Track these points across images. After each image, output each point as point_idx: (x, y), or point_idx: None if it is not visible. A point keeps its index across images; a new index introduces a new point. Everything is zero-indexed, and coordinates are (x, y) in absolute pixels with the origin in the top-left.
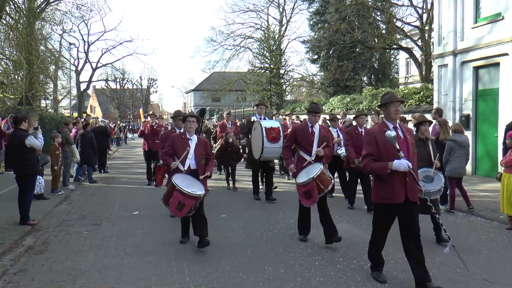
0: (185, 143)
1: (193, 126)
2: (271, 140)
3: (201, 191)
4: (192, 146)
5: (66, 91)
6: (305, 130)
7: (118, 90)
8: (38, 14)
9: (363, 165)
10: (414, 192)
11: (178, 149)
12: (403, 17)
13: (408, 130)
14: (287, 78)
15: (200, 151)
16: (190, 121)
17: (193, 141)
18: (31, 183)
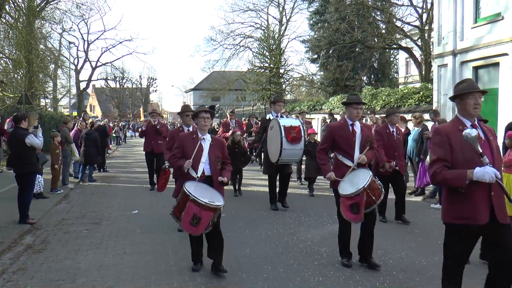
0: (196, 144)
1: (207, 123)
2: (290, 141)
3: (220, 202)
4: (206, 148)
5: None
6: (344, 129)
7: (117, 89)
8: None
9: (432, 172)
10: (503, 210)
11: (188, 151)
12: (403, 17)
13: (490, 130)
14: (287, 77)
15: (216, 153)
16: (204, 117)
17: (206, 141)
18: (31, 182)
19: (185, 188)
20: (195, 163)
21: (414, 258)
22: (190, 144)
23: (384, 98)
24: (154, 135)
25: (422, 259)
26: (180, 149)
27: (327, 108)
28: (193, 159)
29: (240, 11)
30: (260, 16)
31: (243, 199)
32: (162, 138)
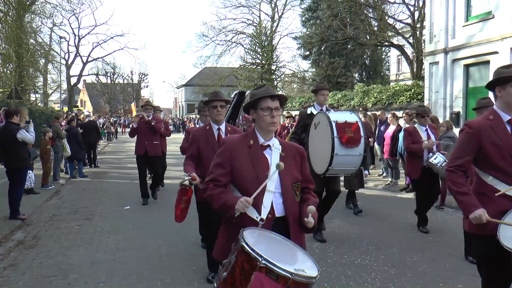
0: (258, 158)
1: (276, 120)
2: (346, 143)
3: (313, 269)
4: (273, 161)
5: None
6: (500, 130)
7: (108, 84)
8: (28, 7)
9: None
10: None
11: (243, 173)
12: (395, 15)
13: None
14: (279, 74)
15: (293, 173)
16: (270, 108)
17: (274, 151)
18: (22, 177)
19: (247, 243)
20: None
21: (405, 254)
22: (244, 158)
23: (376, 95)
24: (148, 134)
25: (413, 255)
26: (226, 168)
27: None
28: (253, 185)
29: (232, 7)
30: (252, 12)
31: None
32: (159, 138)
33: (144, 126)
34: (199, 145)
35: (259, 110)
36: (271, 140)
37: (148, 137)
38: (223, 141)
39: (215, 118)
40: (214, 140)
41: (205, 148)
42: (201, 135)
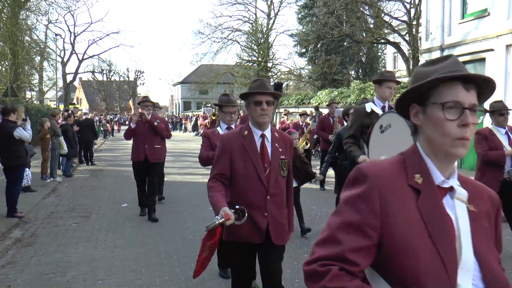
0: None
1: None
2: None
3: None
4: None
5: (52, 82)
6: None
7: (104, 82)
8: (23, 3)
9: None
10: None
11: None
12: (391, 12)
13: None
14: (275, 71)
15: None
16: None
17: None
18: (19, 175)
19: None
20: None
21: None
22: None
23: (372, 92)
24: (149, 136)
25: None
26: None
27: (315, 102)
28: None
29: (228, 4)
30: (248, 9)
31: None
32: (161, 140)
33: (143, 126)
34: (233, 158)
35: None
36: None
37: (148, 140)
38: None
39: (259, 120)
40: (256, 151)
41: (242, 163)
42: (236, 143)
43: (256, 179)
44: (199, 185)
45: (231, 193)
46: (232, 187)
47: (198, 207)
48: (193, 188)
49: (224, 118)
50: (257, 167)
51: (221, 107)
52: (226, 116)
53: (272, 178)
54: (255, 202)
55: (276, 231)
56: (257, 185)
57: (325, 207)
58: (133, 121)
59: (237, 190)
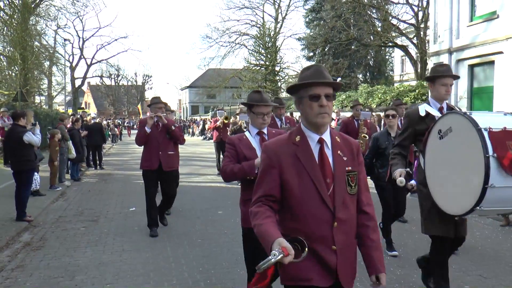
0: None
1: None
2: (509, 168)
3: None
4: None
5: (60, 87)
6: None
7: (113, 86)
8: (33, 9)
9: None
10: None
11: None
12: (399, 15)
13: None
14: (283, 75)
15: None
16: None
17: None
18: (29, 179)
19: None
20: None
21: (412, 255)
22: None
23: (380, 95)
24: (163, 142)
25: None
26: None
27: None
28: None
29: (235, 8)
30: (256, 13)
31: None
32: (174, 146)
33: (156, 131)
34: (283, 174)
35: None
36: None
37: (163, 146)
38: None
39: (316, 120)
40: (313, 162)
41: (297, 179)
42: (286, 153)
43: (317, 199)
44: (207, 189)
45: (283, 221)
46: (283, 213)
47: (206, 211)
48: (200, 192)
49: (254, 121)
50: (317, 184)
51: (251, 106)
52: (258, 119)
53: (339, 197)
54: (317, 232)
55: (347, 272)
56: (319, 209)
57: None
58: (148, 124)
59: (292, 216)
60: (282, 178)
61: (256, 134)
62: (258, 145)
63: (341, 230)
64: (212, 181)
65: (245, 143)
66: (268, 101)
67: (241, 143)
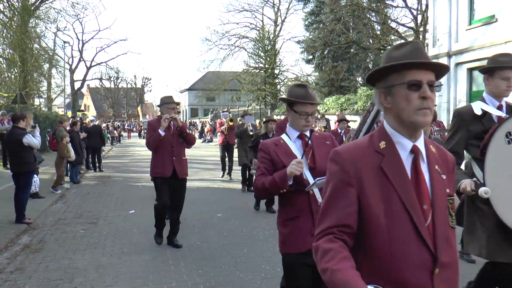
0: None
1: None
2: None
3: None
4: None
5: (60, 89)
6: None
7: (112, 89)
8: (33, 12)
9: None
10: None
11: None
12: (398, 18)
13: None
14: (282, 78)
15: None
16: None
17: None
18: (28, 182)
19: None
20: None
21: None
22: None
23: None
24: (177, 146)
25: None
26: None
27: (322, 109)
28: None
29: (235, 11)
30: (255, 16)
31: (239, 198)
32: (181, 152)
33: (169, 134)
34: (364, 196)
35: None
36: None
37: (176, 151)
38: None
39: (415, 119)
40: (405, 180)
41: (383, 204)
42: (367, 166)
43: (412, 234)
44: (206, 192)
45: (362, 262)
46: (356, 251)
47: (205, 213)
48: (200, 194)
49: (296, 121)
50: (411, 212)
51: (292, 104)
52: (300, 119)
53: (440, 232)
54: (412, 280)
55: None
56: (414, 248)
57: None
58: (163, 127)
59: (372, 257)
60: (361, 201)
61: (297, 138)
62: (299, 151)
63: (444, 279)
64: (211, 183)
65: (283, 149)
66: (315, 98)
67: (278, 149)
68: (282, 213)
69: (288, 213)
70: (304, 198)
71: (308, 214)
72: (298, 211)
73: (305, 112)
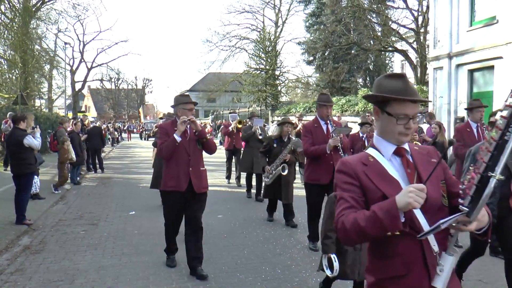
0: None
1: None
2: None
3: None
4: None
5: (61, 90)
6: None
7: (113, 90)
8: (34, 13)
9: None
10: None
11: None
12: (399, 20)
13: None
14: (283, 79)
15: None
16: None
17: None
18: (28, 183)
19: None
20: None
21: None
22: None
23: None
24: (194, 154)
25: None
26: None
27: None
28: None
29: (236, 12)
30: (256, 18)
31: (240, 200)
32: None
33: (185, 140)
34: None
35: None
36: None
37: (194, 160)
38: None
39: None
40: None
41: None
42: None
43: None
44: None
45: None
46: None
47: (206, 214)
48: None
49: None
50: None
51: (384, 103)
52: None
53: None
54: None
55: None
56: None
57: None
58: (179, 131)
59: None
60: None
61: (394, 155)
62: (401, 172)
63: None
64: (212, 185)
65: (376, 170)
66: (417, 93)
67: (369, 170)
68: (377, 269)
69: (389, 269)
70: (414, 246)
71: (422, 269)
72: (407, 266)
73: (404, 114)
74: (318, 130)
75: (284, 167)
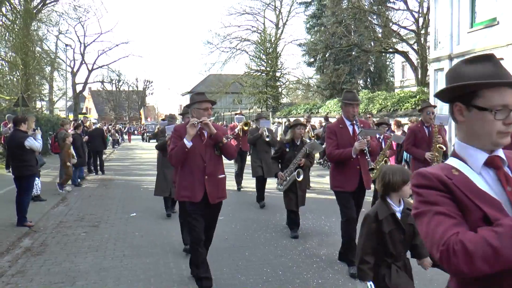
0: None
1: None
2: None
3: None
4: None
5: (61, 92)
6: None
7: (114, 92)
8: (35, 15)
9: None
10: None
11: None
12: (399, 21)
13: None
14: (283, 81)
15: None
16: None
17: None
18: (30, 185)
19: None
20: None
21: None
22: None
23: (380, 101)
24: (211, 160)
25: None
26: None
27: (324, 112)
28: None
29: (236, 14)
30: (257, 19)
31: (241, 201)
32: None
33: (200, 144)
34: None
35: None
36: None
37: (210, 168)
38: None
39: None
40: None
41: None
42: None
43: None
44: None
45: None
46: None
47: None
48: None
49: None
50: None
51: (471, 95)
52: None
53: None
54: None
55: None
56: None
57: None
58: (189, 135)
59: None
60: None
61: (486, 166)
62: (497, 191)
63: None
64: None
65: (466, 186)
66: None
67: (463, 186)
68: None
69: None
70: None
71: None
72: None
73: (503, 104)
74: (344, 132)
75: (299, 173)
